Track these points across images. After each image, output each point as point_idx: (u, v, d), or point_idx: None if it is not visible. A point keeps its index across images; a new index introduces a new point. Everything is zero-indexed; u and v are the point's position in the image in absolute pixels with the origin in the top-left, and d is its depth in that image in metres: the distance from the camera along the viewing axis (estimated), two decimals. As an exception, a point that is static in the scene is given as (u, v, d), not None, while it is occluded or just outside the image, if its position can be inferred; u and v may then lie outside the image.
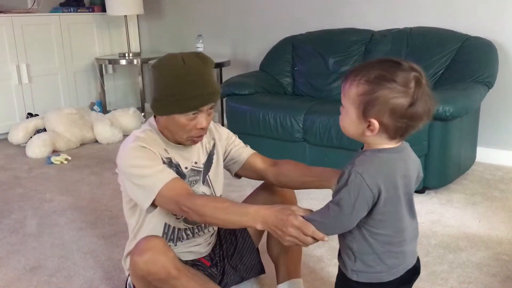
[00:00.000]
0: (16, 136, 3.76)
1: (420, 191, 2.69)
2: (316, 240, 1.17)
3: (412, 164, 1.17)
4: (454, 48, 2.97)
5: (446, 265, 1.96)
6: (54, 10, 4.44)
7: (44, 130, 3.79)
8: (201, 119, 1.45)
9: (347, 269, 1.18)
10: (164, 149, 1.52)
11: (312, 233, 1.15)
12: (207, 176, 1.62)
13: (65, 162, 3.45)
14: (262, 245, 1.79)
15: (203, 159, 1.61)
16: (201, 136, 1.51)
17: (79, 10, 4.58)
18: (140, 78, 4.69)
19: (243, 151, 1.69)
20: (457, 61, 2.94)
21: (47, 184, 3.04)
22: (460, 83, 2.81)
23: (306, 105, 2.98)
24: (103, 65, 4.61)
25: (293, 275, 1.70)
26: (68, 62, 4.45)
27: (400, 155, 1.13)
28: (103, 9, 4.55)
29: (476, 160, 3.12)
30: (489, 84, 2.83)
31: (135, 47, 4.94)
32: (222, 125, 3.91)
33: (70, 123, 3.80)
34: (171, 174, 1.43)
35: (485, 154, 3.17)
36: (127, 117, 4.11)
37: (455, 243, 2.14)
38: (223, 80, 3.73)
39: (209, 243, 1.70)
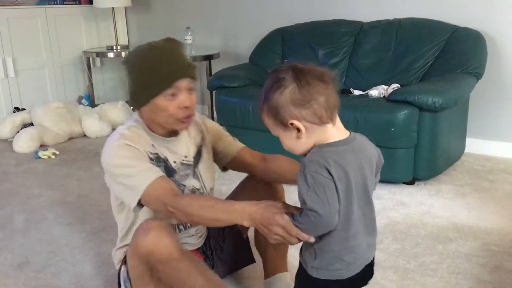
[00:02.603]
0: (3, 131, 3.70)
1: (410, 182, 2.70)
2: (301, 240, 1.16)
3: (365, 155, 1.17)
4: (443, 39, 2.98)
5: (435, 255, 1.97)
6: (41, 2, 4.38)
7: (32, 124, 3.74)
8: (182, 97, 1.42)
9: (307, 266, 1.18)
10: (151, 144, 1.49)
11: (296, 234, 1.14)
12: (196, 169, 1.60)
13: (53, 156, 3.41)
14: (251, 233, 1.78)
15: (192, 152, 1.60)
16: (189, 117, 1.47)
17: (65, 2, 4.52)
18: (128, 71, 4.63)
19: (232, 145, 1.68)
20: (446, 52, 2.94)
21: (35, 179, 3.00)
22: (449, 74, 2.81)
23: (296, 97, 2.96)
24: (90, 58, 4.56)
25: (280, 269, 1.70)
26: (55, 55, 4.39)
27: (349, 146, 1.13)
28: (90, 1, 4.50)
29: (465, 151, 3.14)
30: (478, 75, 2.83)
31: (123, 40, 4.89)
32: (212, 118, 3.92)
33: (57, 117, 3.75)
34: (156, 173, 1.40)
35: (474, 145, 3.18)
36: (116, 110, 4.07)
37: (445, 234, 2.15)
38: (213, 73, 3.72)
39: (201, 235, 1.69)
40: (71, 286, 1.84)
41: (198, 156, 1.61)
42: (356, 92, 3.08)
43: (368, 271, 1.24)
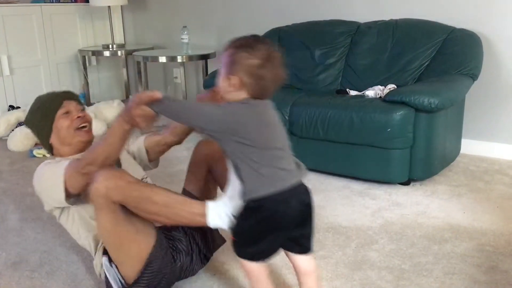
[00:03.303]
0: (-2, 129, 3.68)
1: (405, 182, 2.70)
2: (152, 119, 1.42)
3: (271, 107, 1.46)
4: (439, 40, 2.98)
5: (431, 256, 1.97)
6: (36, 0, 4.35)
7: (26, 123, 3.72)
8: (74, 111, 1.79)
9: (240, 196, 1.38)
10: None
11: (147, 96, 1.38)
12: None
13: (48, 155, 3.38)
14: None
15: None
16: (84, 125, 1.81)
17: (61, 1, 4.49)
18: (124, 70, 4.63)
19: (137, 141, 1.95)
20: (443, 53, 2.94)
21: (30, 177, 2.96)
22: (445, 75, 2.82)
23: (292, 97, 2.96)
24: (86, 57, 4.54)
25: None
26: (50, 53, 4.37)
27: (255, 102, 1.39)
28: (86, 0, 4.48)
29: (460, 152, 3.14)
30: (474, 76, 2.84)
31: (119, 39, 4.87)
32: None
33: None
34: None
35: (469, 146, 3.19)
36: (111, 109, 4.05)
37: (440, 235, 2.15)
38: (209, 72, 3.71)
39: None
40: (65, 285, 1.83)
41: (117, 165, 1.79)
42: (352, 93, 3.08)
43: (304, 210, 1.44)
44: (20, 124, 3.71)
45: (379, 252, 2.01)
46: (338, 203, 2.52)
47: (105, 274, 1.64)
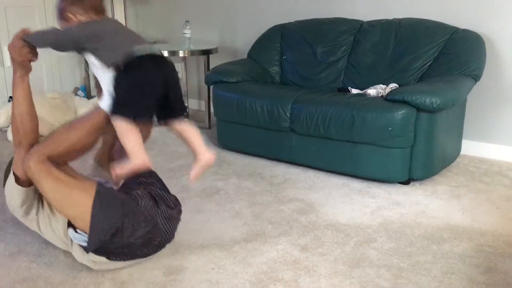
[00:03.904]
0: (-2, 120, 3.68)
1: (405, 182, 2.70)
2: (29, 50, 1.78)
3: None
4: (442, 40, 2.97)
5: (429, 255, 1.97)
6: (38, -9, 4.34)
7: (27, 114, 3.71)
8: None
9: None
10: None
11: (21, 31, 1.76)
12: None
13: (48, 147, 3.38)
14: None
15: None
16: None
17: (64, -7, 4.47)
18: (126, 64, 4.60)
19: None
20: (445, 53, 2.94)
21: (29, 169, 2.97)
22: (447, 75, 2.81)
23: (294, 94, 2.96)
24: (88, 50, 4.52)
25: None
26: (52, 45, 4.35)
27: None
28: (89, -8, 4.46)
29: (461, 152, 3.14)
30: (476, 77, 2.84)
31: (121, 32, 4.85)
32: (208, 112, 3.91)
33: (52, 107, 3.72)
34: None
35: (470, 147, 3.19)
36: (112, 103, 4.04)
37: (439, 234, 2.15)
38: (210, 67, 3.70)
39: None
40: (63, 276, 1.83)
41: None
42: (354, 91, 3.07)
43: (169, 75, 1.72)
44: (20, 115, 3.70)
45: (377, 250, 2.01)
46: (337, 201, 2.52)
47: (74, 243, 1.79)
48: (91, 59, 1.73)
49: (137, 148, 1.65)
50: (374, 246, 2.05)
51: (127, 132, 1.66)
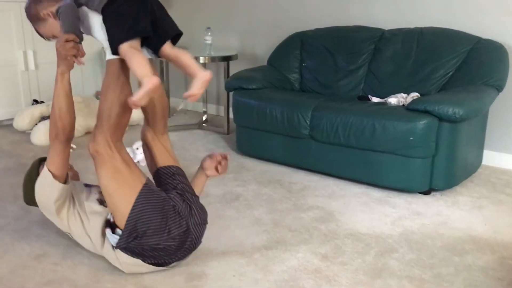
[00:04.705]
0: (22, 122, 3.75)
1: (426, 192, 2.68)
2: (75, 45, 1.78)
3: None
4: (465, 50, 2.96)
5: (451, 267, 1.96)
6: (63, -3, 4.42)
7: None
8: None
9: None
10: None
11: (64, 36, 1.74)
12: None
13: (70, 150, 3.42)
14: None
15: None
16: None
17: (87, -2, 4.54)
18: (146, 69, 4.65)
19: None
20: (468, 63, 2.92)
21: (52, 172, 3.02)
22: (470, 86, 2.79)
23: (314, 101, 2.96)
24: (109, 54, 4.58)
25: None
26: (75, 50, 4.42)
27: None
28: (112, -2, 4.52)
29: (482, 163, 3.11)
30: (499, 88, 2.81)
31: (142, 37, 4.91)
32: (227, 118, 3.93)
33: (75, 111, 3.78)
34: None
35: (491, 158, 3.16)
36: (133, 107, 4.09)
37: (461, 246, 2.14)
38: (230, 74, 3.72)
39: None
40: (87, 279, 1.86)
41: None
42: (374, 99, 3.07)
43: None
44: (43, 118, 3.77)
45: (399, 261, 2.01)
46: (357, 209, 2.51)
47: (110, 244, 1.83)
48: (94, 19, 1.75)
49: (145, 71, 1.64)
50: (395, 256, 2.04)
51: (132, 57, 1.66)
